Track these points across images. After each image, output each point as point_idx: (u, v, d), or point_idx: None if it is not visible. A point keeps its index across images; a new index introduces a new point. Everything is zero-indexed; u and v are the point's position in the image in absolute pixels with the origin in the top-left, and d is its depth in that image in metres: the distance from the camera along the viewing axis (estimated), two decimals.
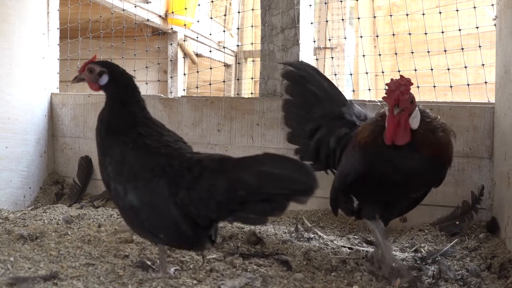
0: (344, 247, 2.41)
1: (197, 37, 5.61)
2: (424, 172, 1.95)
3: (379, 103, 2.90)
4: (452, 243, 2.38)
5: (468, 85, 3.00)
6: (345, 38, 6.19)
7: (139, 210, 1.72)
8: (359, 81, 6.22)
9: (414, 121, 1.91)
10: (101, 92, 2.00)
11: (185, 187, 1.66)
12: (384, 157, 1.96)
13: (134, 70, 3.93)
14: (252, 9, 4.03)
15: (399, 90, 1.88)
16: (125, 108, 1.88)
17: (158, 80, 5.10)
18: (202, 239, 1.72)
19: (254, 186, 1.58)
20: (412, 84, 1.93)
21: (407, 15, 3.56)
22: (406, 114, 1.89)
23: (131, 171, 1.75)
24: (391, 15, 4.04)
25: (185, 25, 5.14)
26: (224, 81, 4.86)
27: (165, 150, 1.78)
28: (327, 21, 5.60)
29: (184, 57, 5.41)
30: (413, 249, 2.38)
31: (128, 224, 1.84)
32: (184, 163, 1.71)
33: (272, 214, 1.68)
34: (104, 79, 2.00)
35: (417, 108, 1.93)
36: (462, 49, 3.04)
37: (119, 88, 1.94)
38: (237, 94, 5.79)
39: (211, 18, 5.30)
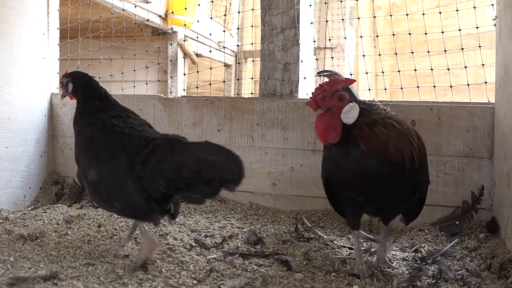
0: (344, 247, 2.42)
1: (197, 37, 5.62)
2: (372, 170, 1.89)
3: (379, 103, 2.90)
4: (452, 243, 2.38)
5: (468, 85, 3.00)
6: (345, 38, 6.20)
7: (100, 182, 1.96)
8: (359, 81, 6.22)
9: (349, 116, 1.90)
10: None
11: (140, 162, 1.86)
12: (331, 157, 2.00)
13: (134, 70, 3.94)
14: (252, 9, 4.03)
15: (317, 92, 1.93)
16: (90, 99, 2.22)
17: (158, 80, 5.10)
18: (154, 212, 1.91)
19: (194, 169, 1.76)
20: (338, 83, 1.93)
21: (407, 15, 3.56)
22: (334, 112, 1.90)
23: (96, 148, 2.01)
24: (391, 15, 4.04)
25: (185, 25, 5.15)
26: (224, 81, 4.86)
27: (128, 130, 2.01)
28: (327, 21, 5.61)
29: (184, 57, 5.41)
30: (413, 249, 2.38)
31: (91, 195, 2.09)
32: (142, 141, 1.92)
33: (211, 197, 1.90)
34: (70, 86, 2.32)
35: (352, 103, 1.91)
36: (462, 49, 3.04)
37: (80, 87, 2.28)
38: (237, 94, 5.79)
39: (211, 18, 5.30)
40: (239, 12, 6.10)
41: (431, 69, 3.11)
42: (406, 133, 1.93)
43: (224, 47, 6.15)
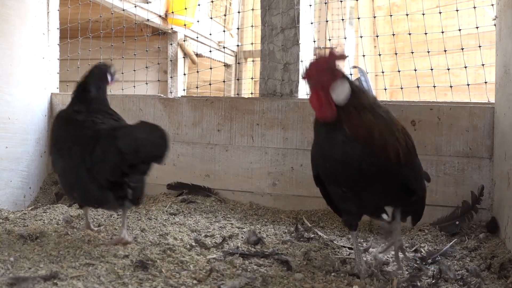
0: (344, 247, 2.42)
1: (197, 37, 5.62)
2: (354, 158, 1.81)
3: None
4: (452, 243, 2.38)
5: (468, 85, 3.01)
6: (345, 38, 6.19)
7: (62, 174, 2.16)
8: None
9: (339, 94, 1.83)
10: None
11: (89, 153, 2.01)
12: (317, 145, 1.97)
13: (134, 70, 3.94)
14: (252, 9, 4.03)
15: (311, 65, 1.89)
16: (74, 95, 2.38)
17: (158, 80, 5.10)
18: (110, 199, 2.06)
19: (133, 149, 1.92)
20: (335, 56, 1.87)
21: (407, 15, 3.56)
22: (326, 87, 1.84)
23: (60, 142, 2.18)
24: (391, 15, 4.04)
25: (185, 25, 5.15)
26: (224, 81, 4.86)
27: (88, 124, 2.14)
28: (327, 21, 5.59)
29: (184, 57, 5.41)
30: (413, 249, 2.38)
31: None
32: (93, 133, 2.05)
33: (146, 174, 2.09)
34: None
35: (344, 82, 1.85)
36: (462, 49, 3.04)
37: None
38: (237, 94, 5.80)
39: (211, 18, 5.30)
40: (239, 12, 6.10)
41: (431, 69, 3.11)
42: (393, 125, 1.89)
43: (224, 47, 6.15)
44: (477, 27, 3.02)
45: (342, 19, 5.62)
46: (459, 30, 3.08)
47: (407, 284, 1.88)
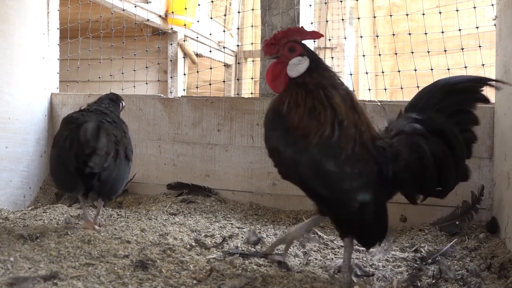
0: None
1: (197, 37, 5.62)
2: (273, 130, 1.82)
3: (379, 103, 2.90)
4: (452, 243, 2.38)
5: None
6: (345, 38, 6.20)
7: (50, 163, 2.54)
8: (359, 81, 6.22)
9: (294, 70, 1.85)
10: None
11: (68, 144, 2.31)
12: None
13: (134, 70, 3.94)
14: (252, 9, 4.03)
15: (270, 38, 1.90)
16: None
17: (158, 80, 5.10)
18: (78, 186, 2.30)
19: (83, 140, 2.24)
20: (295, 34, 1.87)
21: (407, 15, 3.56)
22: (282, 61, 1.86)
23: (56, 135, 2.51)
24: (391, 15, 4.04)
25: (185, 25, 5.15)
26: (224, 81, 4.86)
27: (76, 119, 2.43)
28: (327, 21, 5.59)
29: (184, 57, 5.41)
30: (413, 249, 2.38)
31: None
32: (74, 127, 2.35)
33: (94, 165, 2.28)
34: None
35: (303, 57, 1.85)
36: (462, 49, 3.04)
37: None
38: (237, 94, 5.80)
39: (211, 18, 5.30)
40: (239, 12, 6.10)
41: (431, 69, 3.11)
42: (326, 115, 1.79)
43: (224, 47, 6.15)
44: (477, 27, 3.02)
45: (342, 19, 5.62)
46: (459, 30, 3.08)
47: (407, 284, 1.88)
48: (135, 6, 4.16)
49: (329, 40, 6.18)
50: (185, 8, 4.66)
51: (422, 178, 1.85)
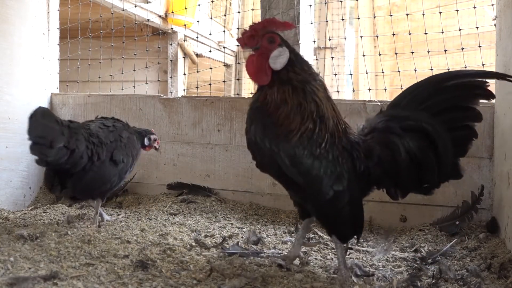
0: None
1: (197, 37, 5.62)
2: (249, 122, 1.88)
3: (379, 103, 2.90)
4: (452, 243, 2.38)
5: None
6: (345, 38, 6.20)
7: None
8: (359, 81, 6.22)
9: (277, 62, 1.85)
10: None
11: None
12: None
13: (134, 70, 3.94)
14: (252, 9, 4.03)
15: (248, 30, 1.89)
16: None
17: (158, 80, 5.10)
18: (54, 183, 2.42)
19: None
20: (273, 25, 1.87)
21: (407, 15, 3.56)
22: (263, 53, 1.85)
23: None
24: (391, 15, 4.04)
25: (185, 25, 5.15)
26: (224, 81, 4.86)
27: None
28: (327, 21, 5.60)
29: (184, 57, 5.41)
30: (413, 249, 2.38)
31: None
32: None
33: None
34: None
35: (283, 48, 1.86)
36: (462, 49, 3.04)
37: None
38: (237, 94, 5.80)
39: (211, 18, 5.30)
40: (239, 12, 6.10)
41: (431, 69, 3.11)
42: (303, 109, 1.83)
43: (224, 47, 6.15)
44: (477, 27, 3.02)
45: (342, 19, 5.62)
46: (459, 30, 3.08)
47: (407, 284, 1.88)
48: (135, 6, 4.16)
49: (329, 40, 6.18)
50: (185, 8, 4.66)
51: (397, 174, 1.90)
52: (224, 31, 5.88)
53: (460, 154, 1.95)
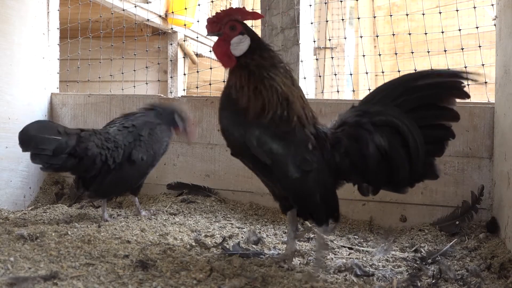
0: (344, 247, 2.42)
1: (197, 37, 5.61)
2: (221, 112, 1.98)
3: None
4: (452, 243, 2.38)
5: (468, 85, 2.99)
6: (345, 38, 6.20)
7: None
8: (359, 81, 6.22)
9: (237, 48, 1.93)
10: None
11: None
12: None
13: (134, 70, 3.94)
14: (252, 9, 4.03)
15: (212, 16, 1.99)
16: None
17: (158, 80, 5.10)
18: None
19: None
20: (237, 13, 1.96)
21: (407, 15, 3.56)
22: (225, 39, 1.94)
23: None
24: (391, 15, 4.04)
25: (185, 25, 5.14)
26: (224, 81, 4.84)
27: None
28: (327, 21, 5.60)
29: (184, 57, 5.41)
30: (413, 249, 2.38)
31: None
32: None
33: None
34: None
35: (244, 36, 1.94)
36: (462, 49, 3.04)
37: None
38: None
39: None
40: None
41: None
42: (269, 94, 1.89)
43: None
44: (477, 27, 3.02)
45: (342, 19, 5.62)
46: (459, 30, 3.08)
47: (407, 284, 1.88)
48: (135, 6, 4.16)
49: (329, 40, 6.18)
50: (185, 8, 4.66)
51: (365, 169, 1.92)
52: None
53: (435, 153, 1.94)
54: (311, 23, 3.37)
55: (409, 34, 3.31)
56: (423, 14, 3.30)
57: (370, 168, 1.91)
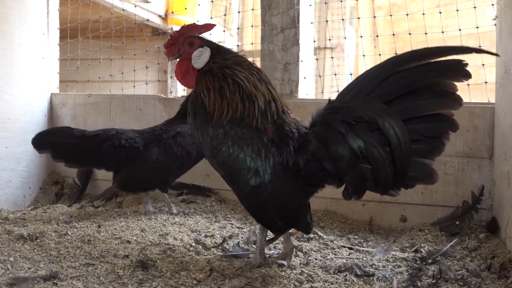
0: (344, 247, 2.41)
1: None
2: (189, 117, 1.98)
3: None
4: (452, 243, 2.37)
5: (468, 85, 3.00)
6: (345, 38, 6.19)
7: None
8: None
9: (198, 61, 1.95)
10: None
11: None
12: None
13: (134, 70, 3.94)
14: (252, 9, 4.02)
15: (168, 40, 2.00)
16: None
17: (158, 80, 5.09)
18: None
19: None
20: (191, 30, 1.99)
21: (407, 15, 3.55)
22: (186, 58, 1.96)
23: None
24: (391, 15, 4.03)
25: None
26: None
27: None
28: (327, 21, 5.59)
29: None
30: (413, 249, 2.38)
31: None
32: None
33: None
34: None
35: (203, 48, 1.95)
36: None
37: None
38: None
39: (211, 18, 5.29)
40: (239, 12, 6.09)
41: None
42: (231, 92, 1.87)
43: None
44: (477, 27, 3.01)
45: (342, 19, 5.61)
46: (459, 30, 3.07)
47: (407, 284, 1.88)
48: (135, 6, 4.15)
49: (329, 40, 6.18)
50: (185, 8, 4.66)
51: (339, 173, 1.76)
52: (224, 31, 5.87)
53: (429, 152, 1.67)
54: (311, 23, 3.37)
55: (409, 34, 3.31)
56: (423, 14, 3.29)
57: (343, 171, 1.73)
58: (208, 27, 2.06)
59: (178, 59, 2.00)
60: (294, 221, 1.91)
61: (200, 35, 2.02)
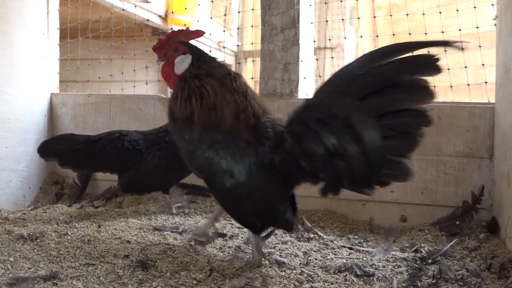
0: (344, 247, 2.41)
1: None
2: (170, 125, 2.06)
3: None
4: (452, 243, 2.37)
5: (468, 85, 3.00)
6: (345, 38, 6.20)
7: None
8: None
9: (179, 68, 2.02)
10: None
11: None
12: None
13: (134, 70, 3.94)
14: (252, 9, 4.02)
15: (158, 42, 2.09)
16: None
17: (158, 80, 5.09)
18: None
19: None
20: (179, 35, 2.07)
21: (407, 15, 3.56)
22: (170, 62, 2.04)
23: None
24: (391, 15, 4.04)
25: (185, 25, 5.13)
26: None
27: None
28: (327, 21, 5.60)
29: None
30: (413, 249, 2.38)
31: None
32: None
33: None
34: None
35: (185, 55, 2.01)
36: (462, 49, 3.03)
37: None
38: None
39: (211, 18, 5.29)
40: (239, 12, 6.09)
41: None
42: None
43: (224, 47, 6.14)
44: (477, 27, 3.01)
45: (342, 19, 5.62)
46: (459, 30, 3.07)
47: (407, 284, 1.88)
48: (135, 6, 4.15)
49: (329, 40, 6.18)
50: (185, 8, 4.66)
51: (314, 170, 1.77)
52: (224, 31, 5.87)
53: (403, 148, 1.68)
54: (311, 23, 3.37)
55: (409, 34, 3.31)
56: (423, 14, 3.29)
57: (318, 169, 1.75)
58: (199, 33, 2.12)
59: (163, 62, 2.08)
60: (272, 220, 1.92)
61: (188, 41, 2.08)
